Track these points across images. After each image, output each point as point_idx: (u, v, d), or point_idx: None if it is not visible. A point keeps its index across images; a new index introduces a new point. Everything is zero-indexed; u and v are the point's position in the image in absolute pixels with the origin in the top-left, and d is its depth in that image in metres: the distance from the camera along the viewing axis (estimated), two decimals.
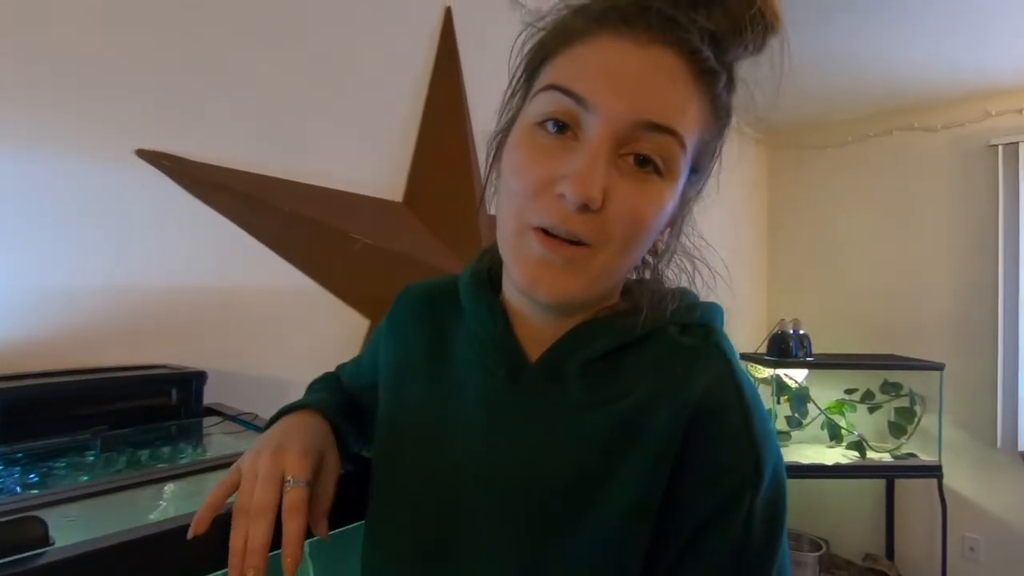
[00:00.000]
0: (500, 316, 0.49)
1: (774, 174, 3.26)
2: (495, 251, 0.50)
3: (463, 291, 0.53)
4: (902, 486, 2.71)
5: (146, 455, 0.72)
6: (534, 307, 0.47)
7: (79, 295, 0.88)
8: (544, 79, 0.42)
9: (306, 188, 1.16)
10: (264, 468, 0.44)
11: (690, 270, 0.49)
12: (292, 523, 0.41)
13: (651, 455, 0.40)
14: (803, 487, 2.73)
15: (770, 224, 3.28)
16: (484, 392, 0.48)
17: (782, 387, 2.52)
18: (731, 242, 2.90)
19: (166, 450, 0.76)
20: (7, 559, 0.38)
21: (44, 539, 0.40)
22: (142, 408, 0.80)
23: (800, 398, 2.54)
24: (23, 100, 0.82)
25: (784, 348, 2.52)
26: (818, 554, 2.51)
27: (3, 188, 0.81)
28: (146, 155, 0.94)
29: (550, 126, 0.40)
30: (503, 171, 0.44)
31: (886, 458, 2.48)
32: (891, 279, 2.85)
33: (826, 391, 2.69)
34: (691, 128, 0.40)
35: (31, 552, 0.39)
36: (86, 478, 0.58)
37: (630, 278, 0.51)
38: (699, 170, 0.45)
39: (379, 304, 1.27)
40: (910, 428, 2.54)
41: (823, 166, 3.07)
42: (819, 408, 2.60)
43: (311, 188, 1.17)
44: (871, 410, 2.60)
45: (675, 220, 0.46)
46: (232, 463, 0.46)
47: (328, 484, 0.49)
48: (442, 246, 1.37)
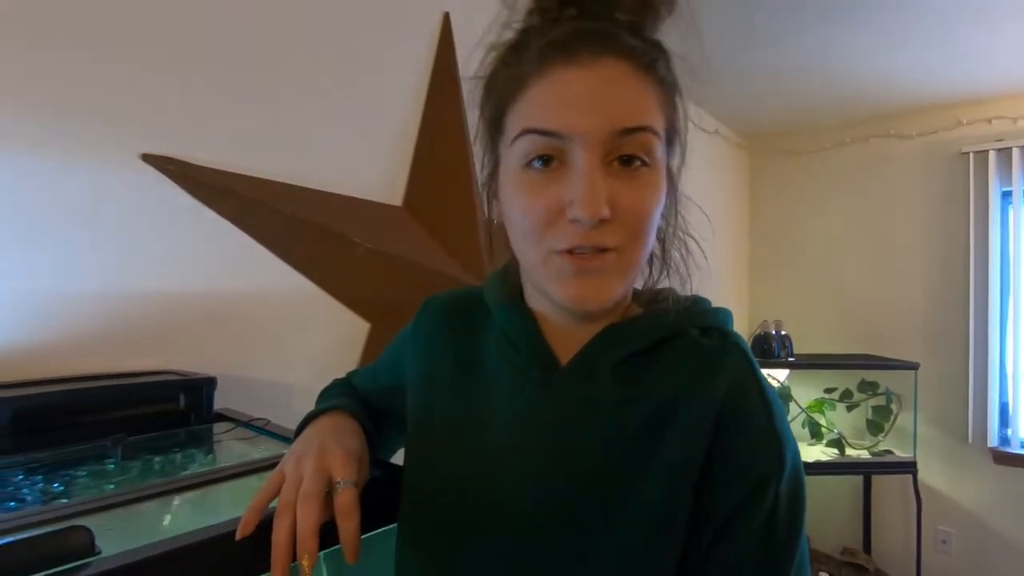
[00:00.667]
0: (530, 319, 0.51)
1: (756, 178, 3.34)
2: (513, 262, 0.52)
3: (490, 297, 0.55)
4: (879, 482, 2.80)
5: (160, 462, 0.72)
6: (564, 314, 0.49)
7: (83, 300, 0.87)
8: (515, 126, 0.44)
9: (308, 192, 1.16)
10: (310, 468, 0.45)
11: (684, 252, 0.53)
12: (349, 522, 0.42)
13: (682, 453, 0.42)
14: None
15: (752, 227, 3.35)
16: (516, 394, 0.49)
17: None
18: (715, 244, 2.95)
19: (179, 457, 0.76)
20: (56, 569, 0.38)
21: (91, 548, 0.41)
22: (152, 415, 0.80)
23: (782, 398, 2.60)
24: (26, 103, 0.81)
25: (767, 349, 2.59)
26: None
27: (8, 192, 0.80)
28: (151, 159, 0.93)
29: (537, 163, 0.43)
30: (508, 214, 0.46)
31: (864, 455, 2.56)
32: (868, 281, 2.94)
33: (807, 390, 2.76)
34: (656, 115, 0.44)
35: (79, 562, 0.39)
36: (112, 486, 0.58)
37: (650, 288, 0.53)
38: (672, 142, 0.48)
39: (380, 307, 1.27)
40: (887, 426, 2.62)
41: (803, 171, 3.15)
42: (800, 407, 2.67)
43: (313, 192, 1.17)
44: (849, 408, 2.68)
45: (669, 193, 0.49)
46: (263, 466, 0.47)
47: (360, 488, 0.49)
48: (441, 250, 1.37)
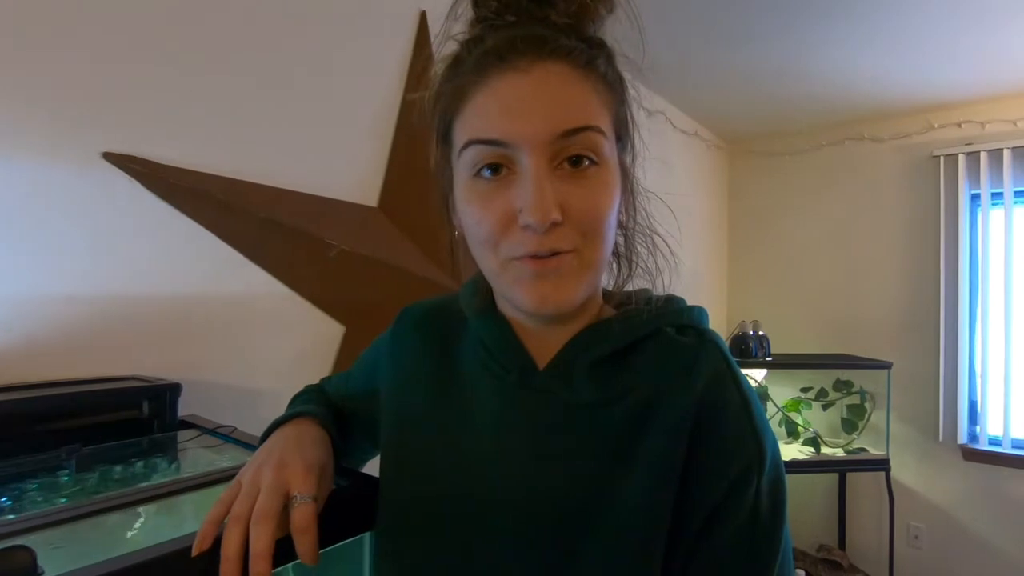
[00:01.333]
0: (505, 325, 0.51)
1: (735, 180, 3.37)
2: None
3: (466, 304, 0.55)
4: (853, 479, 2.84)
5: (120, 472, 0.69)
6: (535, 320, 0.49)
7: (42, 305, 0.84)
8: (460, 138, 0.44)
9: (280, 193, 1.13)
10: (267, 481, 0.43)
11: (650, 246, 0.53)
12: (306, 538, 0.41)
13: (663, 451, 0.42)
14: None
15: (731, 228, 3.39)
16: (495, 398, 0.49)
17: None
18: (694, 245, 2.98)
19: (140, 466, 0.73)
20: None
21: (32, 569, 0.39)
22: (114, 423, 0.77)
23: (760, 397, 2.63)
24: None
25: (744, 348, 2.62)
26: None
27: None
28: (113, 158, 0.90)
29: (486, 173, 0.43)
30: (464, 225, 0.47)
31: (839, 453, 2.60)
32: (843, 282, 2.99)
33: (784, 390, 2.80)
34: (601, 113, 0.44)
35: None
36: (64, 500, 0.56)
37: (622, 287, 0.54)
38: (623, 139, 0.48)
39: (355, 310, 1.25)
40: (861, 424, 2.66)
41: (780, 173, 3.19)
42: (777, 406, 2.70)
43: (285, 193, 1.14)
44: (825, 407, 2.72)
45: (626, 188, 0.49)
46: (222, 478, 0.45)
47: (322, 500, 0.48)
48: (417, 251, 1.36)
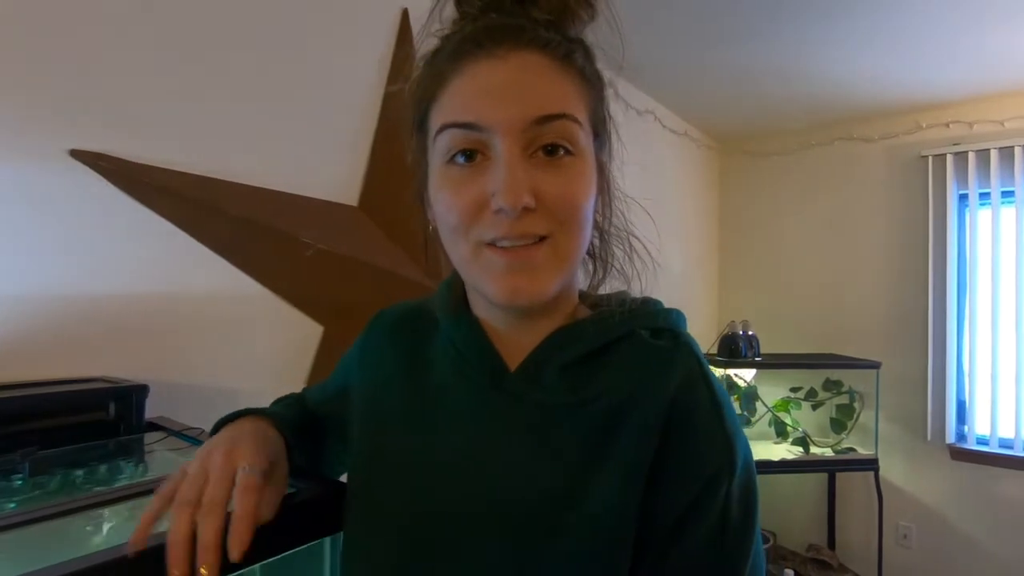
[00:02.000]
0: (476, 326, 0.51)
1: (725, 180, 3.37)
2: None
3: (439, 307, 0.55)
4: (842, 479, 2.84)
5: (81, 476, 0.68)
6: (508, 319, 0.49)
7: (5, 305, 0.82)
8: (435, 123, 0.44)
9: (256, 191, 1.12)
10: (216, 465, 0.42)
11: (627, 248, 0.53)
12: (245, 499, 0.40)
13: (633, 452, 0.42)
14: None
15: (721, 228, 3.39)
16: (466, 401, 0.49)
17: (732, 386, 2.60)
18: (683, 245, 2.98)
19: (104, 469, 0.72)
20: None
21: None
22: (77, 425, 0.76)
23: (749, 397, 2.63)
24: None
25: (734, 348, 2.61)
26: (766, 547, 2.60)
27: None
28: (80, 155, 0.88)
29: (459, 159, 0.43)
30: (437, 213, 0.46)
31: (828, 453, 2.60)
32: (832, 282, 2.99)
33: (773, 389, 2.80)
34: (577, 105, 0.44)
35: None
36: (13, 505, 0.54)
37: (597, 288, 0.54)
38: (600, 135, 0.48)
39: (334, 310, 1.24)
40: (850, 424, 2.67)
41: (771, 173, 3.19)
42: (766, 406, 2.70)
43: (261, 191, 1.13)
44: (814, 407, 2.72)
45: (602, 187, 0.49)
46: None
47: (274, 496, 0.46)
48: (399, 251, 1.35)
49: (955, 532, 2.62)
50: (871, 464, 2.51)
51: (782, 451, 2.60)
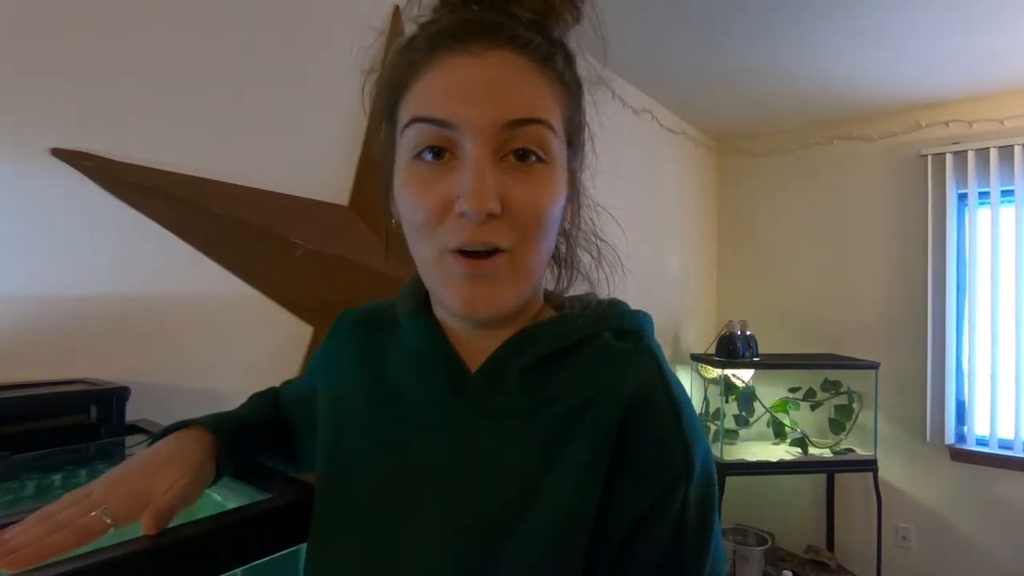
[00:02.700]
0: (438, 331, 0.50)
1: (723, 179, 3.35)
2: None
3: (400, 308, 0.54)
4: (841, 480, 2.83)
5: (59, 480, 0.67)
6: (468, 324, 0.48)
7: None
8: (405, 116, 0.43)
9: (244, 191, 1.11)
10: (93, 498, 0.43)
11: (596, 254, 0.52)
12: (65, 536, 0.39)
13: (589, 453, 0.41)
14: (749, 483, 2.82)
15: (719, 228, 3.37)
16: (426, 403, 0.49)
17: (730, 387, 2.59)
18: (681, 245, 2.96)
19: (83, 474, 0.71)
20: None
21: None
22: (57, 428, 0.75)
23: (747, 397, 2.62)
24: None
25: (732, 349, 2.60)
26: (763, 548, 2.59)
27: None
28: (62, 154, 0.87)
29: (427, 155, 0.42)
30: (401, 210, 0.45)
31: (826, 454, 2.59)
32: (831, 282, 2.97)
33: (771, 390, 2.79)
34: (552, 110, 0.43)
35: None
36: None
37: (565, 293, 0.53)
38: (574, 144, 0.47)
39: (324, 310, 1.23)
40: (848, 424, 2.65)
41: (770, 172, 3.17)
42: (764, 407, 2.69)
43: (250, 191, 1.12)
44: (813, 408, 2.71)
45: (572, 196, 0.48)
46: None
47: (181, 486, 0.46)
48: (390, 251, 1.34)
49: (954, 533, 2.61)
50: (870, 465, 2.50)
51: (780, 452, 2.58)
